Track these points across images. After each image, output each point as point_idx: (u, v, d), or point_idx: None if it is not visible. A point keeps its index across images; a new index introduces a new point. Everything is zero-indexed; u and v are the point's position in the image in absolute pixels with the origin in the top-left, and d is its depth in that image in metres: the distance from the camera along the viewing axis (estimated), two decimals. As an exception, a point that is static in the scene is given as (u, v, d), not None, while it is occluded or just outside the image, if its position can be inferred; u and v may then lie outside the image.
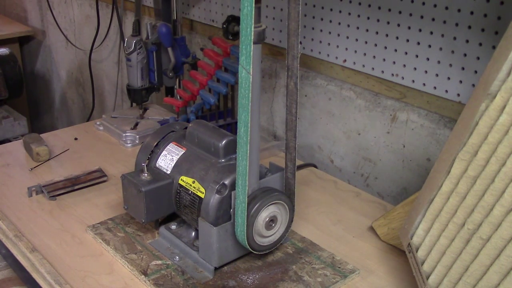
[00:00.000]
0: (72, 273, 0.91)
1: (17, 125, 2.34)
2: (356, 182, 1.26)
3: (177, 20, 1.48)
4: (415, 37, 1.05)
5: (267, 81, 1.41)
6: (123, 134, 1.40)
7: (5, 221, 1.04)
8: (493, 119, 0.66)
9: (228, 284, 0.88)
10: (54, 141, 1.38)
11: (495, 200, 0.66)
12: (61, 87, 2.54)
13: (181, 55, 1.44)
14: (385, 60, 1.12)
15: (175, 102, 1.37)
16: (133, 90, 1.45)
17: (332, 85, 1.26)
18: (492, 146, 0.66)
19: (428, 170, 1.10)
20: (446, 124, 1.05)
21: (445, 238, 0.74)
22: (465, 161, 0.71)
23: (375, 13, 1.11)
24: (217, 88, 1.29)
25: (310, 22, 1.25)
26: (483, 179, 0.68)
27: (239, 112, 0.79)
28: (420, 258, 0.79)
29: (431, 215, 0.77)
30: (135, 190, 0.94)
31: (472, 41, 0.96)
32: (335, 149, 1.29)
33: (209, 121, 1.33)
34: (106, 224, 1.03)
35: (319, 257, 0.95)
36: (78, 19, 2.20)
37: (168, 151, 0.98)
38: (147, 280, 0.89)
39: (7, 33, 2.48)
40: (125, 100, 2.06)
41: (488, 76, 0.68)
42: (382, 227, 1.01)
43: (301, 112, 1.34)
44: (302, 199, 1.13)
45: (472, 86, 0.99)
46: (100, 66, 2.14)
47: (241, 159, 0.81)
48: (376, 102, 1.17)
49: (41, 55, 2.61)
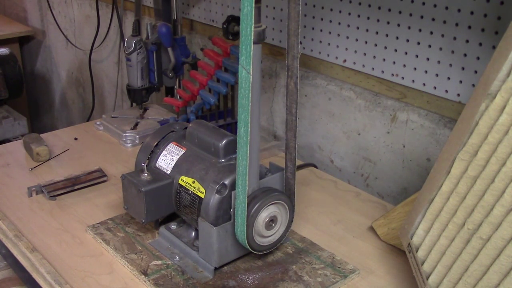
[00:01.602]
0: (72, 273, 0.91)
1: (17, 125, 2.34)
2: (356, 182, 1.26)
3: (177, 20, 1.48)
4: (415, 37, 1.05)
5: (267, 81, 1.41)
6: (123, 134, 1.40)
7: (5, 221, 1.04)
8: (493, 119, 0.66)
9: (228, 284, 0.88)
10: (54, 141, 1.38)
11: (495, 200, 0.66)
12: (61, 87, 2.54)
13: (181, 55, 1.44)
14: (385, 60, 1.12)
15: (175, 102, 1.37)
16: (133, 90, 1.45)
17: (332, 85, 1.26)
18: (492, 146, 0.66)
19: (428, 170, 1.10)
20: (446, 124, 1.05)
21: (445, 238, 0.74)
22: (465, 161, 0.71)
23: (375, 13, 1.11)
24: (217, 88, 1.29)
25: (310, 22, 1.25)
26: (483, 179, 0.68)
27: (239, 112, 0.79)
28: (420, 258, 0.79)
29: (431, 215, 0.77)
30: (135, 190, 0.94)
31: (472, 41, 0.96)
32: (335, 149, 1.29)
33: (209, 121, 1.33)
34: (106, 224, 1.03)
35: (319, 257, 0.95)
36: (78, 19, 2.20)
37: (168, 151, 0.98)
38: (147, 280, 0.89)
39: (7, 33, 2.48)
40: (125, 100, 2.06)
41: (488, 76, 0.68)
42: (382, 227, 1.01)
43: (301, 112, 1.34)
44: (302, 199, 1.13)
45: (472, 86, 0.99)
46: (100, 66, 2.14)
47: (241, 159, 0.81)
48: (376, 102, 1.17)
49: (41, 55, 2.61)
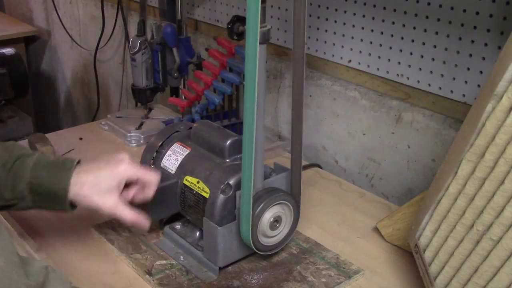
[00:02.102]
0: (77, 273, 0.91)
1: (22, 125, 2.34)
2: (360, 182, 1.25)
3: (182, 20, 1.48)
4: (420, 37, 1.05)
5: (272, 81, 1.40)
6: (128, 134, 1.40)
7: (10, 221, 1.04)
8: (500, 120, 0.66)
9: (233, 284, 0.88)
10: (59, 141, 1.38)
11: (505, 201, 0.66)
12: (66, 87, 2.54)
13: (186, 55, 1.44)
14: (390, 60, 1.11)
15: (180, 102, 1.37)
16: (138, 90, 1.45)
17: (337, 85, 1.26)
18: (499, 148, 0.66)
19: (433, 170, 1.10)
20: (451, 124, 1.05)
21: (453, 239, 0.74)
22: (472, 162, 0.70)
23: (380, 14, 1.10)
24: (222, 88, 1.29)
25: (315, 23, 1.24)
26: (492, 181, 0.67)
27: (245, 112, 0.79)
28: (428, 259, 0.79)
29: (439, 216, 0.77)
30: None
31: (477, 41, 0.96)
32: (339, 150, 1.29)
33: (214, 121, 1.33)
34: (110, 224, 1.03)
35: (323, 257, 0.95)
36: (83, 19, 2.21)
37: (172, 151, 0.98)
38: (151, 280, 0.89)
39: (12, 33, 2.48)
40: (130, 100, 2.07)
41: (495, 77, 0.68)
42: (387, 227, 1.01)
43: (306, 113, 1.34)
44: (307, 200, 1.13)
45: (478, 86, 0.98)
46: (105, 66, 2.15)
47: (246, 159, 0.81)
48: (381, 102, 1.17)
49: (47, 55, 2.61)
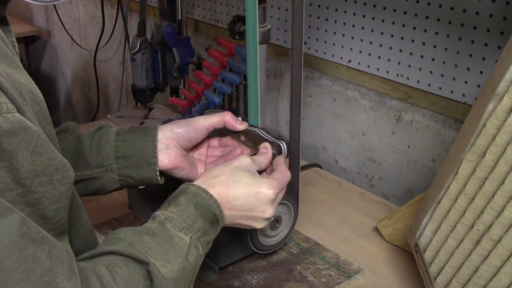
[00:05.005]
0: (77, 273, 0.91)
1: (22, 125, 2.34)
2: (360, 182, 1.26)
3: (182, 20, 1.48)
4: (420, 37, 1.05)
5: (272, 81, 1.41)
6: (128, 134, 1.39)
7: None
8: (501, 120, 0.66)
9: (233, 284, 0.88)
10: (59, 141, 1.38)
11: (505, 201, 0.66)
12: (66, 87, 2.54)
13: (186, 55, 1.44)
14: (390, 60, 1.12)
15: (180, 102, 1.37)
16: (138, 90, 1.45)
17: (337, 85, 1.26)
18: (500, 148, 0.66)
19: (433, 170, 1.10)
20: (451, 124, 1.05)
21: (453, 239, 0.74)
22: (472, 162, 0.70)
23: (380, 14, 1.11)
24: (222, 88, 1.29)
25: (315, 23, 1.24)
26: (492, 181, 0.67)
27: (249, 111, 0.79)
28: (428, 259, 0.79)
29: (439, 216, 0.77)
30: (140, 190, 0.94)
31: (477, 41, 0.96)
32: (339, 150, 1.29)
33: (214, 121, 1.33)
34: (111, 224, 1.03)
35: (323, 257, 0.95)
36: (83, 19, 2.21)
37: (173, 151, 0.98)
38: (152, 280, 0.88)
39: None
40: (130, 100, 2.07)
41: (496, 77, 0.68)
42: (387, 227, 1.01)
43: (306, 113, 1.34)
44: (307, 199, 1.13)
45: (478, 86, 0.98)
46: (105, 66, 2.15)
47: (246, 159, 0.81)
48: (381, 102, 1.17)
49: (47, 55, 2.61)
